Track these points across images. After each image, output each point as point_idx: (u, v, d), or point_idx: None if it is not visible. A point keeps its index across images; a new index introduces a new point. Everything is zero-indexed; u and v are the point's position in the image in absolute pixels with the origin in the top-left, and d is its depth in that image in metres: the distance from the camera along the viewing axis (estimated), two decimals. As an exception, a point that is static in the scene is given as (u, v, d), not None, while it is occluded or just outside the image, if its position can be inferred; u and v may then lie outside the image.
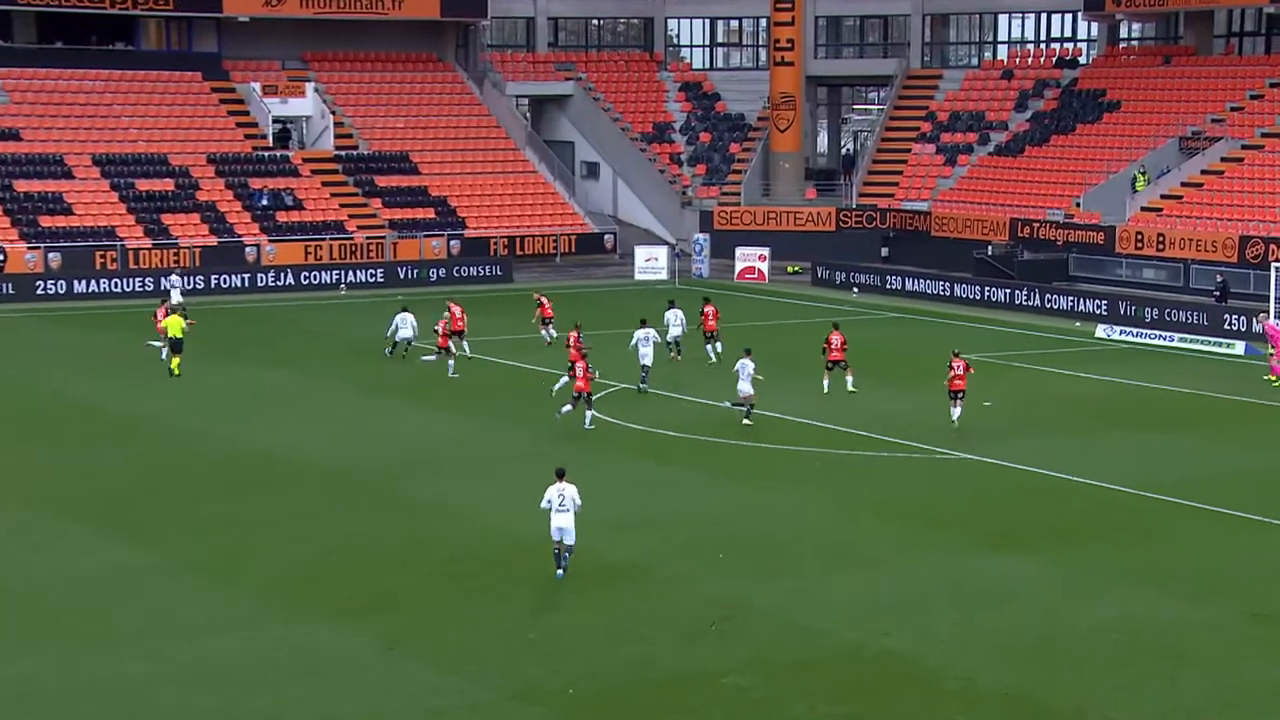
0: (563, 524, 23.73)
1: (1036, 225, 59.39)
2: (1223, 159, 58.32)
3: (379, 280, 59.31)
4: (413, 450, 32.68)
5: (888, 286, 57.65)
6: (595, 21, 78.39)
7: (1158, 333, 47.06)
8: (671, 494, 29.31)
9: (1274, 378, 40.80)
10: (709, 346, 42.11)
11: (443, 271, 60.97)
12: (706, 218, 66.74)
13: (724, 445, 33.21)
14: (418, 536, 26.57)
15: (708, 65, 77.46)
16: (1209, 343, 45.64)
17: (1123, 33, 71.18)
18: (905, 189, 66.65)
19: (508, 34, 77.36)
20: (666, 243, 65.75)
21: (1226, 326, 46.47)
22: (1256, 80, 61.68)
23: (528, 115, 74.41)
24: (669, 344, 41.62)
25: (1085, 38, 71.79)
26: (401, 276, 59.43)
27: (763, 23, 74.59)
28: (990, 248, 59.32)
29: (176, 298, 47.93)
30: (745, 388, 34.71)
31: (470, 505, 28.48)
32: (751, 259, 61.32)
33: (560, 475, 23.97)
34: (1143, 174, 59.17)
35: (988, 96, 69.30)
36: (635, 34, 79.08)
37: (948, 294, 55.50)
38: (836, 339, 38.24)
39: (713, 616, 22.66)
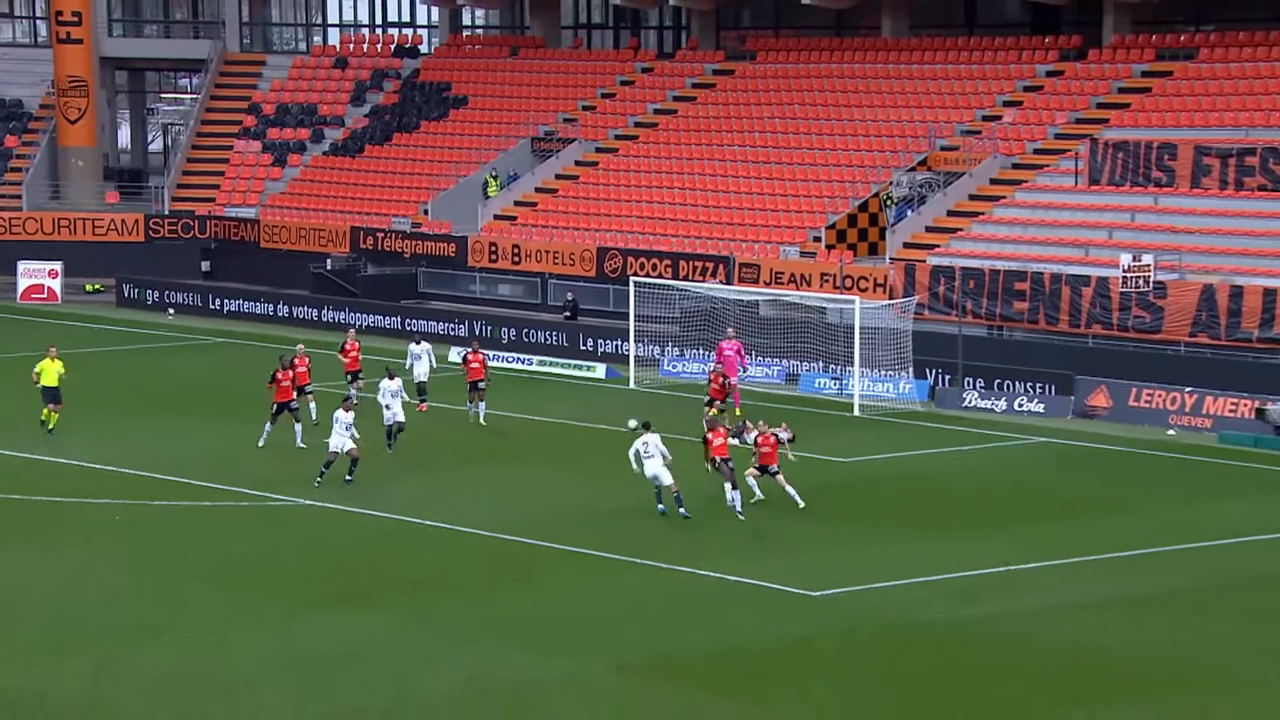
0: (654, 469, 30.98)
1: (381, 235, 60.46)
2: (577, 162, 61.53)
3: None
4: None
5: (210, 307, 57.24)
6: None
7: (516, 355, 49.01)
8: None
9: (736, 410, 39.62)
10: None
11: None
12: (-20, 226, 63.96)
13: None
14: None
15: (-28, 39, 74.16)
16: (569, 365, 48.03)
17: (465, 20, 73.86)
18: (228, 193, 66.20)
19: None
20: (-77, 258, 62.34)
21: (584, 347, 49.06)
22: (607, 77, 65.54)
23: None
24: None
25: (426, 24, 73.97)
26: None
27: (42, -11, 72.32)
28: (329, 261, 59.90)
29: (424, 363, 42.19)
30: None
31: None
32: (39, 275, 59.73)
33: (646, 426, 31.30)
34: (494, 178, 61.52)
35: (320, 87, 69.98)
36: None
37: (283, 315, 55.64)
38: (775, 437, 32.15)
39: (-10, 713, 21.74)
